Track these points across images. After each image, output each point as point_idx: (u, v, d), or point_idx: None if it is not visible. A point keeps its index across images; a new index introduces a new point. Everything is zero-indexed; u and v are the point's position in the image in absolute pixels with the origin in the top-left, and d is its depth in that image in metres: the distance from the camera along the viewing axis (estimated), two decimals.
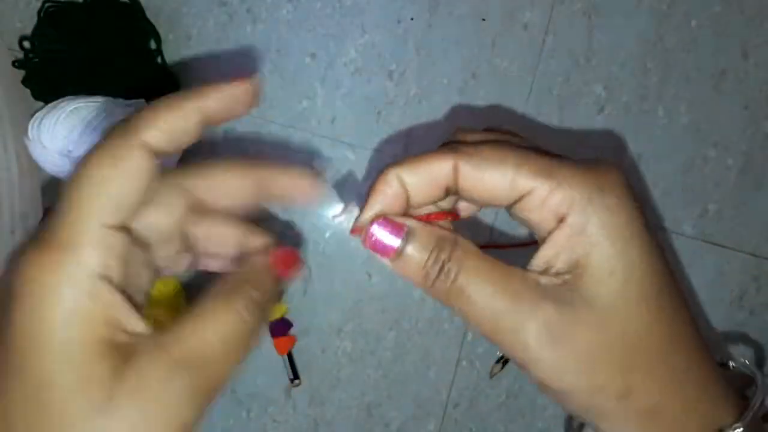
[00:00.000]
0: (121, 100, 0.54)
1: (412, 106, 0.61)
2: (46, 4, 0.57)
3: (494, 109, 0.61)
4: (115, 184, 0.18)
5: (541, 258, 0.20)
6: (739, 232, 0.62)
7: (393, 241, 0.21)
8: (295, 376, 0.62)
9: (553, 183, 0.20)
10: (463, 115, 0.61)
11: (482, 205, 0.23)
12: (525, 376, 0.65)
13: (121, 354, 0.17)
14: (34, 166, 0.57)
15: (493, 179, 0.20)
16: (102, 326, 0.17)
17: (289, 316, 0.62)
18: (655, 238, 0.20)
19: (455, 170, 0.21)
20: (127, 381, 0.17)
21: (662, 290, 0.20)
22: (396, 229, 0.22)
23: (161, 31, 0.61)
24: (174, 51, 0.61)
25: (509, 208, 0.22)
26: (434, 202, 0.23)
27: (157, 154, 0.19)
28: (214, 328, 0.19)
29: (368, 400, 0.64)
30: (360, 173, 0.62)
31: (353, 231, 0.23)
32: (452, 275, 0.21)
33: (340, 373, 0.63)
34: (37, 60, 0.57)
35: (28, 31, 0.58)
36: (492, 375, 0.62)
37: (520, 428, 0.64)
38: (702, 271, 0.62)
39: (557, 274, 0.20)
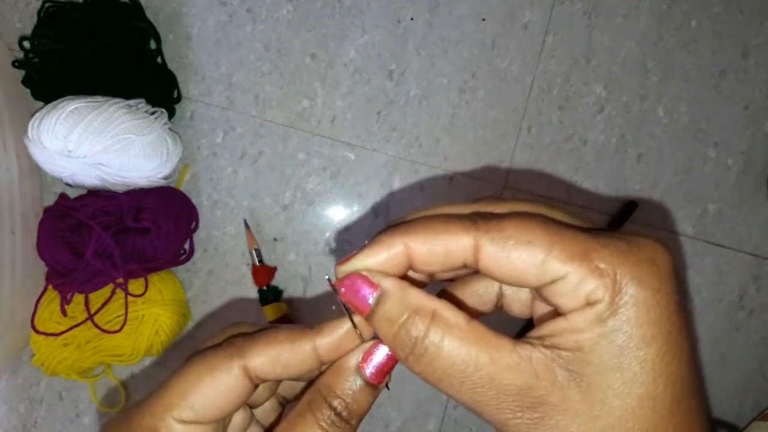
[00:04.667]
0: (121, 100, 0.54)
1: (412, 106, 0.61)
2: (46, 4, 0.57)
3: (494, 110, 0.61)
4: (202, 392, 0.20)
5: (549, 329, 0.19)
6: (739, 232, 0.62)
7: (363, 301, 0.20)
8: None
9: (587, 269, 0.18)
10: (463, 115, 0.61)
11: (506, 284, 0.21)
12: None
13: None
14: (34, 166, 0.57)
15: (520, 261, 0.18)
16: None
17: (289, 316, 0.62)
18: (686, 340, 0.18)
19: (476, 248, 0.19)
20: None
21: (677, 396, 0.18)
22: (370, 288, 0.20)
23: (161, 31, 0.61)
24: (174, 51, 0.61)
25: (536, 289, 0.20)
26: (448, 271, 0.21)
27: (258, 379, 0.21)
28: None
29: None
30: (360, 173, 0.62)
31: (335, 284, 0.21)
32: (426, 355, 0.19)
33: None
34: (37, 60, 0.57)
35: (28, 31, 0.58)
36: None
37: None
38: (702, 271, 0.62)
39: (556, 348, 0.18)
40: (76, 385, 0.63)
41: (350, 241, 0.62)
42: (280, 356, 0.21)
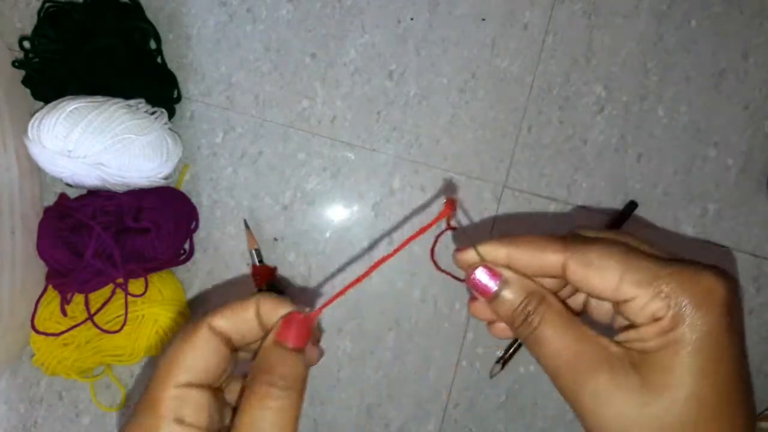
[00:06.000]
0: (121, 100, 0.54)
1: (412, 106, 0.61)
2: (46, 4, 0.57)
3: (494, 110, 0.61)
4: (185, 355, 0.24)
5: (623, 337, 0.24)
6: (739, 232, 0.62)
7: (491, 284, 0.26)
8: None
9: (653, 292, 0.22)
10: (463, 115, 0.61)
11: (589, 295, 0.27)
12: (525, 377, 0.65)
13: None
14: (34, 166, 0.57)
15: (598, 282, 0.24)
16: None
17: None
18: (734, 350, 0.23)
19: (564, 266, 0.25)
20: None
21: (722, 397, 0.22)
22: (494, 275, 0.26)
23: (161, 31, 0.61)
24: (174, 51, 0.61)
25: (612, 303, 0.25)
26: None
27: (223, 335, 0.25)
28: (253, 427, 0.22)
29: (368, 400, 0.64)
30: (360, 173, 0.62)
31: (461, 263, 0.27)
32: (533, 325, 0.25)
33: (340, 373, 0.63)
34: (37, 60, 0.57)
35: (28, 31, 0.58)
36: (492, 375, 0.62)
37: (520, 428, 0.64)
38: None
39: (628, 349, 0.23)
40: (76, 385, 0.63)
41: (351, 241, 0.62)
42: (234, 314, 0.25)
